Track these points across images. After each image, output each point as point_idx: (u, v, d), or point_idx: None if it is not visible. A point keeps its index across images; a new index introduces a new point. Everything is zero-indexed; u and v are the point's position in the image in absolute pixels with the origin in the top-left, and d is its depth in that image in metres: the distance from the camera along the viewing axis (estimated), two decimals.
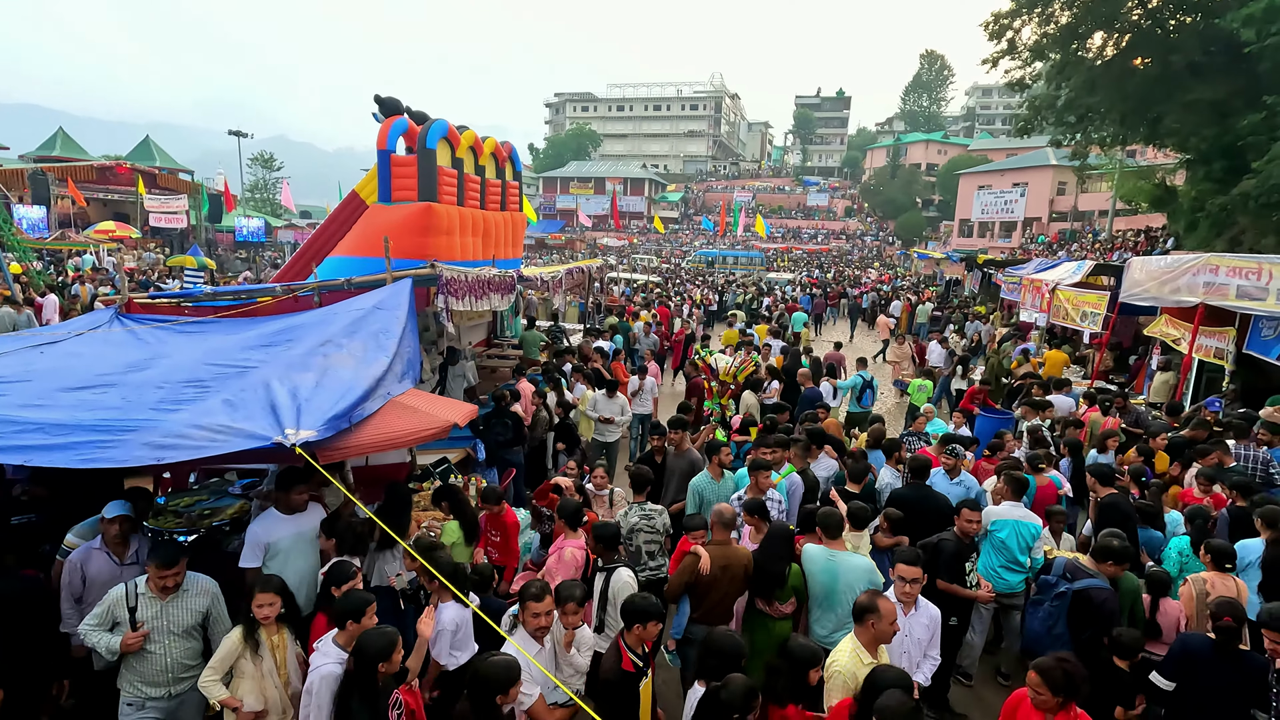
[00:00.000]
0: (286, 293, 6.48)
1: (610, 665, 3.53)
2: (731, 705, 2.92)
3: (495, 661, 3.03)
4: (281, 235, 42.02)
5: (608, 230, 62.19)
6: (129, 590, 3.71)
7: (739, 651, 3.25)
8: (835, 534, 4.48)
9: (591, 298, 17.29)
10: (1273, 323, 8.22)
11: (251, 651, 3.62)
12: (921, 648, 3.95)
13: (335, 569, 3.98)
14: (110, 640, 3.63)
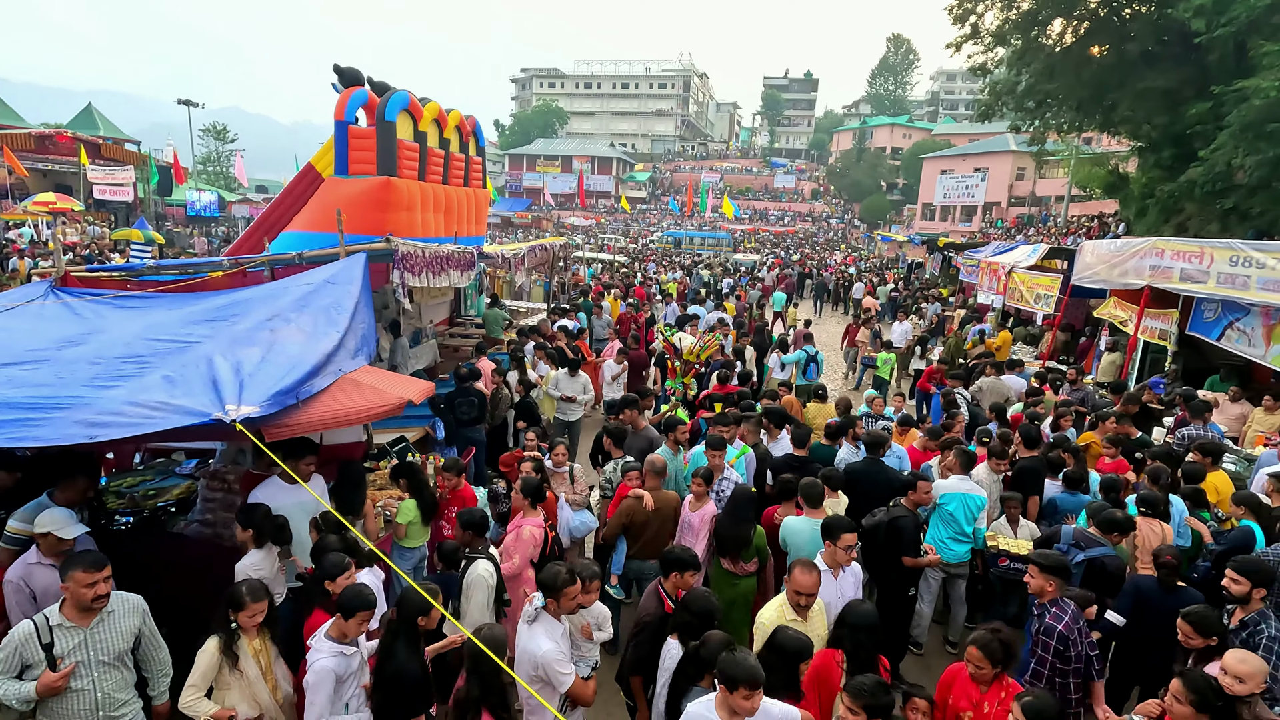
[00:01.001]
0: (234, 267, 6.25)
1: (654, 608, 3.78)
2: (711, 660, 3.04)
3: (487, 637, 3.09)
4: (236, 210, 40.58)
5: (575, 209, 61.60)
6: (39, 625, 3.11)
7: (713, 612, 3.42)
8: (817, 504, 4.73)
9: (556, 277, 17.13)
10: (1213, 305, 8.54)
11: (230, 664, 3.36)
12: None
13: (329, 562, 3.73)
14: (22, 688, 3.04)
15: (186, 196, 37.26)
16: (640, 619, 3.82)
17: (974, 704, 3.19)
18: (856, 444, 6.17)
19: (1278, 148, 11.41)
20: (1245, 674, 3.07)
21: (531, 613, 3.53)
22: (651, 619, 3.75)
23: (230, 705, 3.36)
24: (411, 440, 7.00)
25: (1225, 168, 12.58)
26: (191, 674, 3.31)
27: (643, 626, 3.77)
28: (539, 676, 3.43)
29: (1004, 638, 3.18)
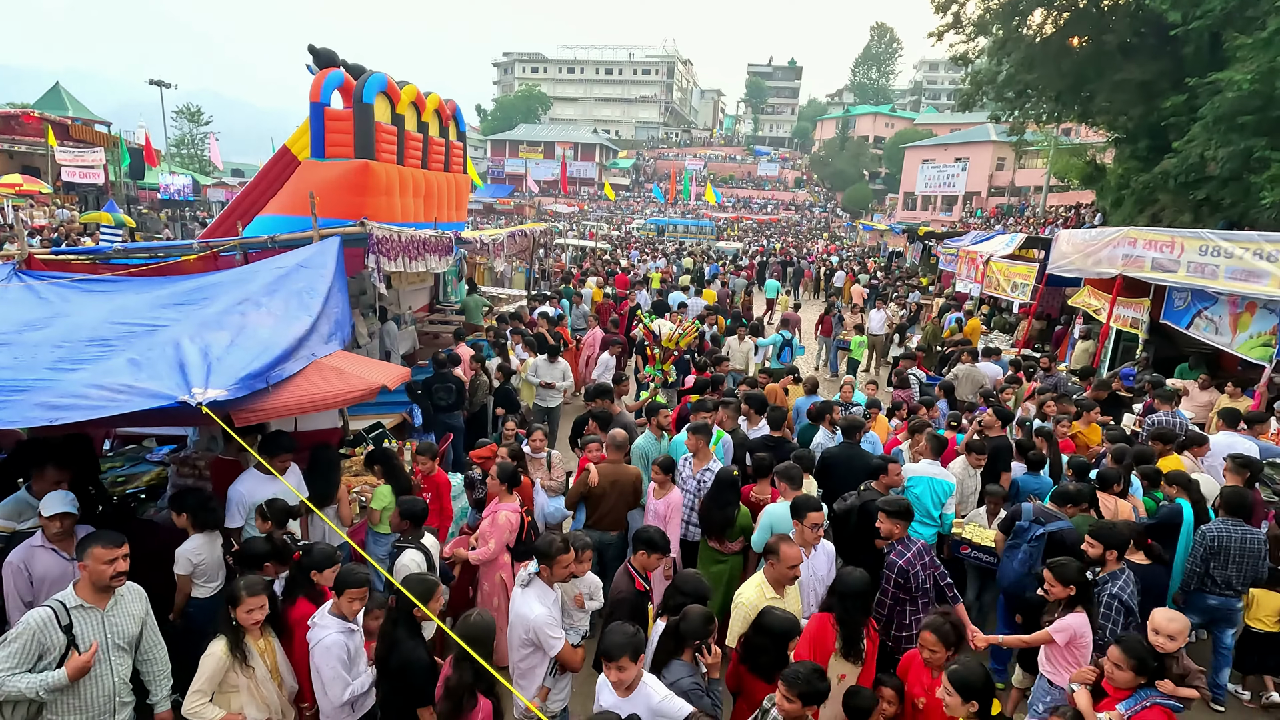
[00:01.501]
0: (205, 250, 6.13)
1: (625, 585, 3.86)
2: (692, 634, 3.16)
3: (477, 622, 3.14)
4: (211, 194, 39.77)
5: (558, 196, 61.15)
6: (57, 610, 2.98)
7: (705, 594, 3.48)
8: (797, 485, 4.81)
9: (537, 264, 17.03)
10: (1183, 294, 8.69)
11: (240, 663, 3.24)
12: (825, 583, 4.19)
13: (317, 553, 3.70)
14: (48, 677, 2.87)
15: (160, 180, 36.45)
16: (614, 598, 3.86)
17: (926, 689, 3.21)
18: (833, 429, 6.22)
19: (1249, 140, 11.59)
20: (1175, 631, 3.24)
21: (525, 578, 3.59)
22: (625, 597, 3.79)
23: (237, 708, 3.25)
24: (388, 426, 6.95)
25: (1198, 159, 12.75)
26: (196, 678, 3.17)
27: (614, 605, 3.82)
28: (530, 640, 3.49)
29: (955, 621, 3.22)
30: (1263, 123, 11.35)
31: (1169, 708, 3.02)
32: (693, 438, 5.24)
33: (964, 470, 5.86)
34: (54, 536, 3.69)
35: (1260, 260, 7.20)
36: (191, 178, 39.51)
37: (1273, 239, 7.27)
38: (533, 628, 3.45)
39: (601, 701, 2.98)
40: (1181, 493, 5.28)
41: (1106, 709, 3.10)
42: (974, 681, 2.84)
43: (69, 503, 3.72)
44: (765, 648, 3.33)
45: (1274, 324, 7.29)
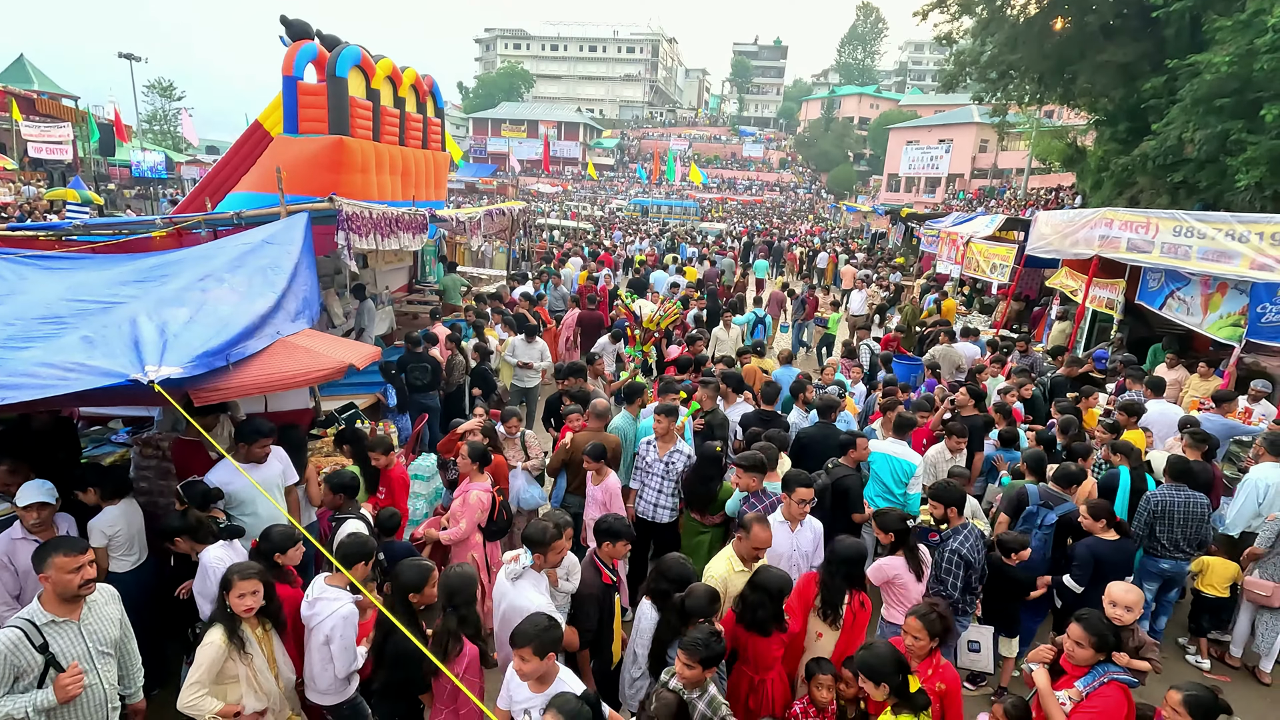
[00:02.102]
0: (168, 225, 5.96)
1: (592, 579, 3.81)
2: (697, 611, 3.19)
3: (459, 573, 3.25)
4: (185, 171, 38.78)
5: (541, 176, 60.52)
6: (26, 628, 2.76)
7: (690, 578, 3.50)
8: (772, 468, 4.88)
9: (518, 244, 16.85)
10: (1157, 274, 8.76)
11: (239, 651, 3.13)
12: (809, 560, 4.27)
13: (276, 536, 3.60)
14: (36, 697, 2.71)
15: (131, 157, 35.53)
16: (582, 593, 3.80)
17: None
18: (807, 409, 6.23)
19: (1226, 122, 11.66)
20: (1132, 603, 3.30)
21: (517, 570, 3.53)
22: (593, 591, 3.76)
23: (235, 699, 3.15)
24: (362, 407, 6.85)
25: (1176, 142, 12.83)
26: (193, 670, 3.05)
27: (585, 600, 3.76)
28: None
29: (942, 612, 3.21)
30: (1240, 105, 11.42)
31: (1124, 682, 3.06)
32: (660, 419, 5.18)
33: (941, 454, 5.84)
34: (33, 527, 3.57)
35: (1232, 241, 7.26)
36: (165, 154, 38.56)
37: (1245, 219, 7.32)
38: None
39: (512, 693, 2.94)
40: (1124, 460, 5.56)
41: (1065, 687, 3.12)
42: (879, 665, 2.89)
43: (46, 492, 3.60)
44: (762, 604, 3.42)
45: (1243, 304, 7.36)
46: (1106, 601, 3.37)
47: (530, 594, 3.51)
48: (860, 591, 3.71)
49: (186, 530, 3.76)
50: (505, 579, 3.58)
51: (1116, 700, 2.99)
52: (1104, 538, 4.53)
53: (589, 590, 3.79)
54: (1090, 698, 3.01)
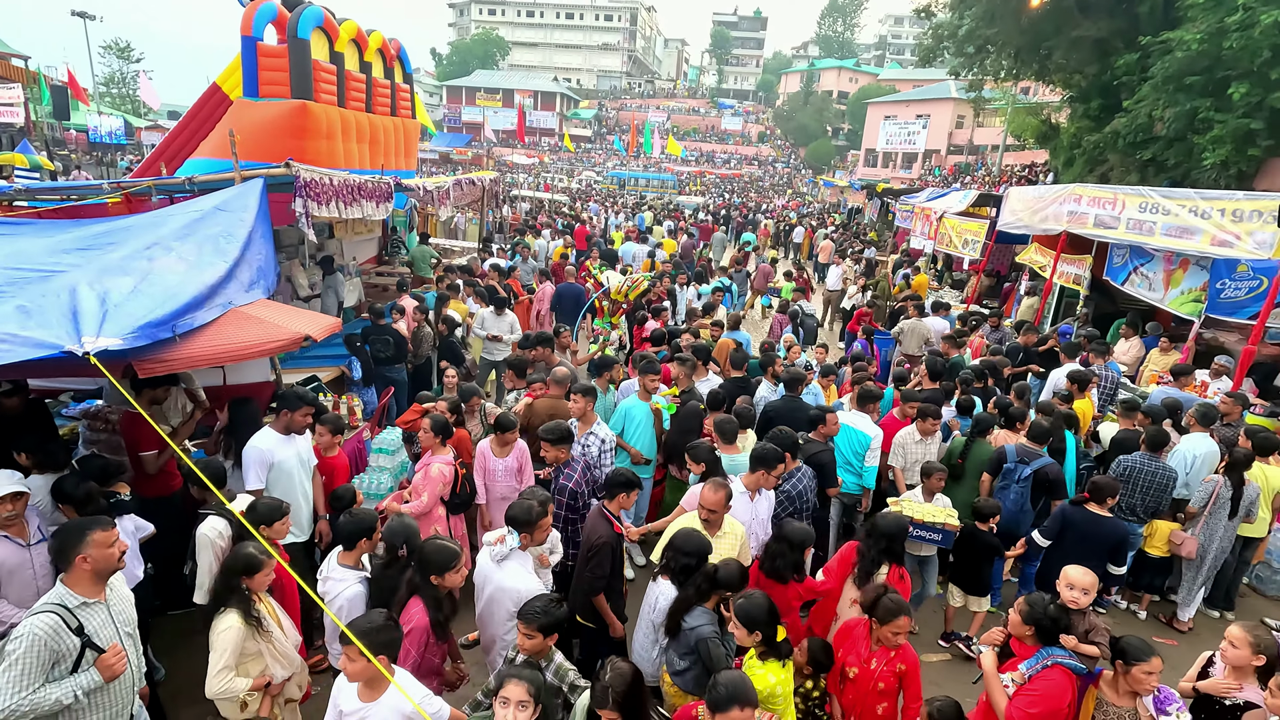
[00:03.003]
0: (114, 192, 5.72)
1: (603, 531, 3.82)
2: (727, 584, 3.30)
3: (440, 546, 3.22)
4: (145, 137, 37.43)
5: (516, 147, 59.48)
6: (62, 614, 2.65)
7: (706, 550, 3.51)
8: (730, 440, 5.02)
9: (491, 216, 16.58)
10: (1122, 250, 8.87)
11: (257, 628, 3.11)
12: (766, 527, 4.38)
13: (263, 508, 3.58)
14: (81, 680, 2.64)
15: (88, 121, 34.14)
16: (593, 543, 3.82)
17: (862, 661, 3.24)
18: (776, 382, 6.23)
19: (1195, 100, 11.77)
20: (1088, 585, 3.36)
21: (504, 551, 3.46)
22: (604, 541, 3.81)
23: (257, 673, 3.12)
24: (325, 380, 6.72)
25: (1146, 119, 12.95)
26: (219, 655, 2.98)
27: (596, 549, 3.80)
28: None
29: (894, 597, 3.22)
30: (1209, 83, 11.53)
31: (1070, 667, 3.07)
32: (576, 400, 5.06)
33: (910, 436, 5.68)
34: (5, 521, 3.31)
35: (1194, 217, 7.35)
36: (123, 119, 37.13)
37: (1208, 196, 7.41)
38: (525, 599, 3.37)
39: (340, 702, 2.72)
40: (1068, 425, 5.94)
41: (1010, 669, 3.16)
42: (756, 614, 2.97)
43: (18, 481, 3.40)
44: (782, 554, 3.67)
45: (1204, 280, 7.49)
46: (1063, 585, 3.42)
47: (520, 575, 3.46)
48: (898, 565, 3.82)
49: (73, 501, 3.60)
50: (490, 560, 3.51)
51: (1059, 684, 3.01)
52: (1098, 512, 4.67)
53: (603, 540, 3.80)
54: (1032, 680, 3.05)
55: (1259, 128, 11.08)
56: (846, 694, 3.27)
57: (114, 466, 3.97)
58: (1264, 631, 3.16)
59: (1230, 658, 3.16)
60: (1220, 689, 3.10)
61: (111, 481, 3.89)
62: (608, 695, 2.48)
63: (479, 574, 3.58)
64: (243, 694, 3.01)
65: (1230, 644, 3.16)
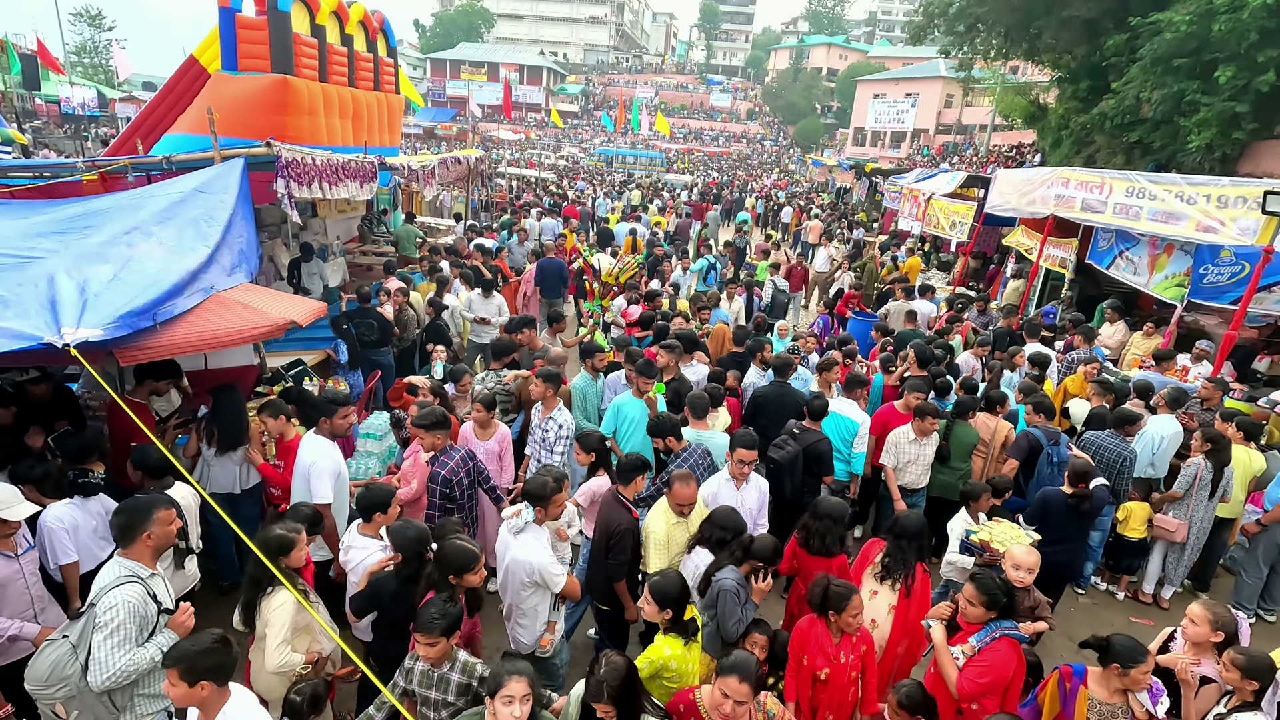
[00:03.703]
0: (90, 170, 5.57)
1: (622, 517, 3.91)
2: (760, 556, 3.44)
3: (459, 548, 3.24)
4: (120, 109, 36.41)
5: (502, 122, 58.57)
6: (142, 583, 2.85)
7: (742, 526, 3.69)
8: (701, 415, 5.02)
9: (477, 194, 16.36)
10: (1108, 235, 8.93)
11: (306, 602, 3.16)
12: (752, 517, 4.36)
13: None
14: (161, 640, 2.85)
15: (60, 92, 33.15)
16: (613, 530, 3.90)
17: (831, 659, 3.22)
18: (764, 367, 6.23)
19: (1183, 82, 11.79)
20: (1031, 565, 3.45)
21: (520, 524, 3.56)
22: (625, 528, 3.90)
23: (303, 648, 3.20)
24: (311, 363, 6.64)
25: (1134, 101, 12.96)
26: (277, 631, 3.06)
27: (617, 536, 3.87)
28: (534, 582, 3.56)
29: (838, 582, 3.25)
30: (1196, 66, 11.54)
31: (1015, 637, 3.22)
32: (536, 384, 5.03)
33: (905, 435, 5.43)
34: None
35: (1180, 203, 7.39)
36: (97, 90, 36.12)
37: (1194, 182, 7.45)
38: (538, 571, 3.50)
39: None
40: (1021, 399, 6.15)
41: (960, 642, 3.25)
42: (669, 591, 3.03)
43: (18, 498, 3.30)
44: (828, 529, 3.86)
45: (1188, 265, 7.57)
46: (1008, 565, 3.50)
47: (534, 549, 3.54)
48: (922, 562, 3.86)
49: (31, 480, 3.57)
50: (508, 533, 3.63)
51: (1006, 655, 3.14)
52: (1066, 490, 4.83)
53: (623, 527, 3.90)
54: (982, 652, 3.17)
55: (1244, 111, 11.13)
56: (819, 695, 3.25)
57: (89, 445, 3.93)
58: (1223, 610, 3.28)
59: (1190, 634, 3.30)
60: (1180, 664, 3.22)
61: (87, 459, 3.85)
62: (603, 689, 2.49)
63: (500, 544, 3.70)
64: (299, 667, 3.12)
65: (1191, 621, 3.30)
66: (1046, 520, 4.81)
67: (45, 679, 2.71)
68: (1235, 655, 2.94)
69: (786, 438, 5.06)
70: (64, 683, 2.72)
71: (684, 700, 2.81)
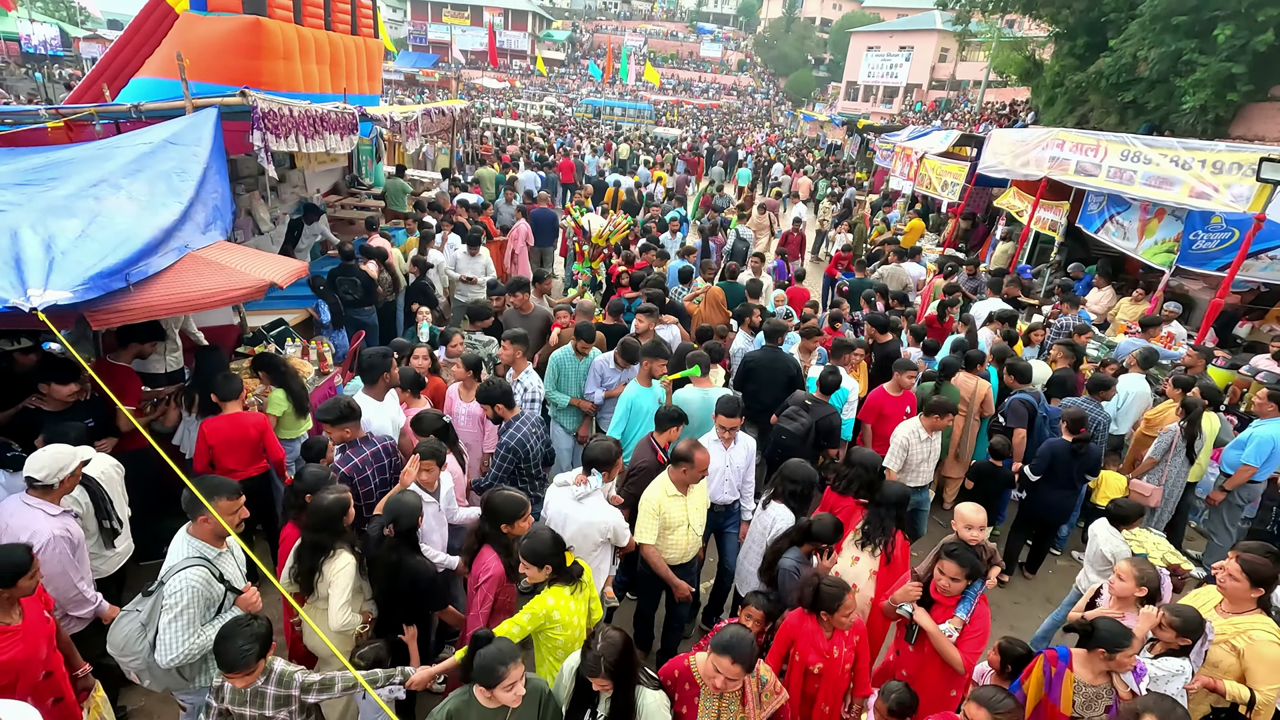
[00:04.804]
0: (54, 118, 5.29)
1: (648, 458, 4.13)
2: (821, 537, 3.57)
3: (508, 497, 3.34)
4: (84, 49, 34.82)
5: (486, 70, 56.70)
6: (207, 565, 2.93)
7: (814, 480, 3.94)
8: (704, 372, 5.13)
9: (461, 146, 15.90)
10: (1099, 198, 8.87)
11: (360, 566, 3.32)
12: (740, 474, 4.43)
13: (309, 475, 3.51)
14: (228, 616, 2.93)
15: (19, 29, 31.56)
16: (636, 465, 4.12)
17: (825, 654, 3.16)
18: (753, 332, 6.18)
19: (1180, 41, 11.60)
20: (980, 523, 3.52)
21: (587, 490, 3.68)
22: (647, 466, 4.09)
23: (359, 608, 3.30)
24: (293, 323, 6.50)
25: (1130, 60, 12.77)
26: (340, 592, 3.13)
27: (639, 471, 4.09)
28: (604, 540, 3.73)
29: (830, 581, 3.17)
30: (1195, 24, 11.35)
31: (983, 592, 3.37)
32: (505, 347, 4.92)
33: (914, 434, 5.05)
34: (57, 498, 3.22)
35: (1175, 168, 7.33)
36: (59, 28, 34.41)
37: (1190, 146, 7.38)
38: (612, 528, 3.70)
39: None
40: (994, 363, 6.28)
41: (944, 619, 3.26)
42: (540, 549, 2.99)
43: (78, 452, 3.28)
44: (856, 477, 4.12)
45: (1178, 231, 7.55)
46: (961, 526, 3.53)
47: (605, 509, 3.70)
48: (901, 530, 3.96)
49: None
50: (570, 500, 3.68)
51: (984, 612, 3.32)
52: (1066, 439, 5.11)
53: (646, 464, 4.02)
54: (972, 619, 3.26)
55: (1240, 72, 11.00)
56: (812, 685, 3.22)
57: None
58: (1149, 567, 3.47)
59: (1117, 589, 3.47)
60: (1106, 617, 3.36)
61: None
62: (600, 663, 2.50)
63: (555, 514, 3.71)
64: (357, 627, 3.22)
65: (1118, 577, 3.48)
66: (1053, 468, 5.20)
67: (121, 649, 2.89)
68: (1171, 618, 3.09)
69: (798, 409, 5.01)
70: (135, 656, 2.87)
71: (678, 666, 2.83)
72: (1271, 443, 5.22)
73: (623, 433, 4.85)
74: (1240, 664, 3.09)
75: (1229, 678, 3.11)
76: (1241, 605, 3.20)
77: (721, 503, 4.43)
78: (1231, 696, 3.06)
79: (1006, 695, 2.61)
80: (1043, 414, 5.74)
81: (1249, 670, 3.07)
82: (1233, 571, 3.19)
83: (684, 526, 3.84)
